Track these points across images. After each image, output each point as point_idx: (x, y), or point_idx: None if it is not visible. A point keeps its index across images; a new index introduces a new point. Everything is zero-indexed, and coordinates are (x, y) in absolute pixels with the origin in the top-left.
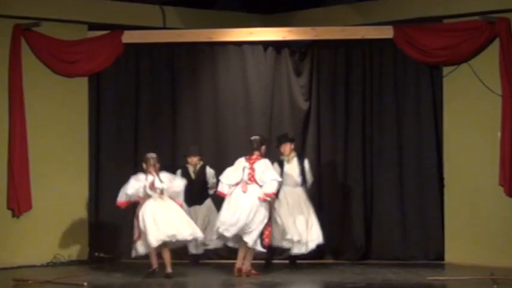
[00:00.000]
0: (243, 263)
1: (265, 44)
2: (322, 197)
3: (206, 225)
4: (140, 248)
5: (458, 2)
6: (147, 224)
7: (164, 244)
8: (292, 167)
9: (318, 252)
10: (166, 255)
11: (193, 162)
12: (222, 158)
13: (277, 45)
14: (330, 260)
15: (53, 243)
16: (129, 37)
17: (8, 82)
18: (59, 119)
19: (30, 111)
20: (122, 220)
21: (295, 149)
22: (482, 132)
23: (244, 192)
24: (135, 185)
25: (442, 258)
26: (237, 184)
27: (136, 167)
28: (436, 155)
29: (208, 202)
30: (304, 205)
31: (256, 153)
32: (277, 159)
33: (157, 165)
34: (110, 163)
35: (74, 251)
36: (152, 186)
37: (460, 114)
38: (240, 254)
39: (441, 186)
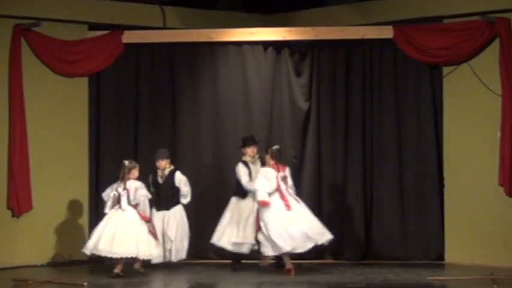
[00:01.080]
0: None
1: (265, 44)
2: (322, 196)
3: (178, 233)
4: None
5: (458, 2)
6: (104, 231)
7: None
8: (257, 170)
9: (318, 252)
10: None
11: (162, 166)
12: (222, 158)
13: (277, 45)
14: (330, 260)
15: (53, 243)
16: (129, 37)
17: (8, 82)
18: (59, 119)
19: (30, 111)
20: None
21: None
22: (482, 132)
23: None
24: (109, 193)
25: (442, 258)
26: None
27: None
28: (436, 155)
29: (180, 208)
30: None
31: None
32: (242, 161)
33: (133, 172)
34: (110, 163)
35: (74, 251)
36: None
37: (460, 114)
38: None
39: (441, 186)
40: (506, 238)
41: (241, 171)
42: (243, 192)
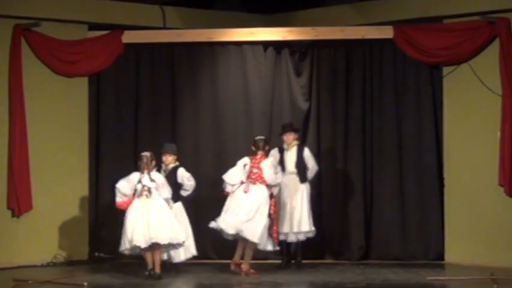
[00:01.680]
0: (240, 258)
1: (265, 44)
2: (322, 196)
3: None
4: (127, 246)
5: (458, 2)
6: (127, 224)
7: (150, 246)
8: (291, 156)
9: (318, 252)
10: (157, 256)
11: (168, 161)
12: (222, 158)
13: (277, 45)
14: (330, 260)
15: (53, 243)
16: (129, 37)
17: (8, 82)
18: (59, 119)
19: (30, 111)
20: (122, 220)
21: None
22: (482, 132)
23: (246, 192)
24: (124, 184)
25: (442, 258)
26: (241, 184)
27: (136, 167)
28: (436, 155)
29: (179, 205)
30: (300, 195)
31: (261, 152)
32: (278, 146)
33: (153, 164)
34: (110, 163)
35: (74, 251)
36: (141, 184)
37: (460, 114)
38: (239, 250)
39: (441, 186)
40: (506, 238)
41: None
42: None
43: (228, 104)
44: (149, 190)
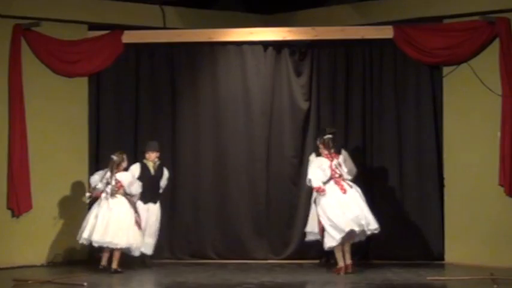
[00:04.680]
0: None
1: (265, 44)
2: None
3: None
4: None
5: (458, 2)
6: (89, 220)
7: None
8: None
9: (318, 252)
10: (115, 254)
11: (152, 158)
12: (222, 158)
13: (277, 45)
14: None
15: (53, 243)
16: (129, 37)
17: (8, 82)
18: (58, 119)
19: (30, 111)
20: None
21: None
22: (482, 132)
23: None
24: (97, 180)
25: (442, 258)
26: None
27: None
28: (436, 155)
29: (158, 207)
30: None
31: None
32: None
33: (123, 165)
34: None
35: (74, 251)
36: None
37: (460, 114)
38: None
39: (441, 186)
40: (506, 238)
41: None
42: None
43: (228, 104)
44: (113, 191)
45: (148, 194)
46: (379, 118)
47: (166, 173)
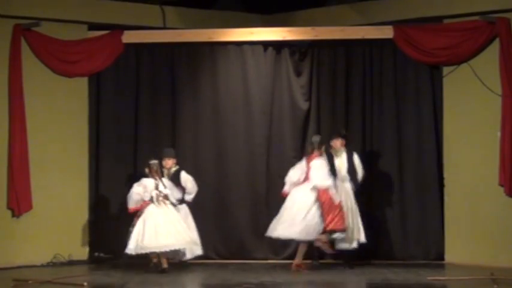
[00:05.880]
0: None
1: (265, 44)
2: None
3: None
4: (133, 248)
5: (458, 2)
6: (146, 228)
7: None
8: (341, 162)
9: (318, 252)
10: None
11: (168, 165)
12: (222, 157)
13: (277, 45)
14: (330, 260)
15: (53, 243)
16: (129, 37)
17: (8, 82)
18: (59, 119)
19: (30, 111)
20: (122, 220)
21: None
22: (482, 132)
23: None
24: (139, 190)
25: (442, 258)
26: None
27: (136, 167)
28: (436, 155)
29: (185, 208)
30: (351, 202)
31: (316, 152)
32: (327, 153)
33: (159, 172)
34: (110, 163)
35: (74, 251)
36: (157, 189)
37: (460, 114)
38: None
39: (441, 186)
40: (506, 238)
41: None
42: None
43: (228, 104)
44: (165, 196)
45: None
46: (379, 118)
47: (184, 178)
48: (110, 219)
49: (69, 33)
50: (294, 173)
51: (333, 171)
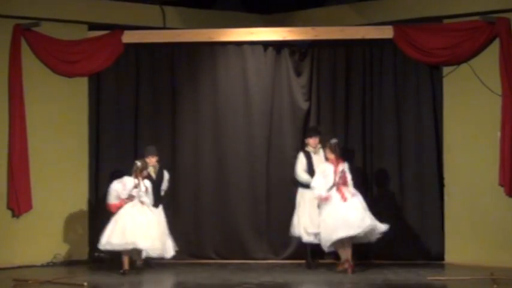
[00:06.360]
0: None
1: (265, 44)
2: None
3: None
4: (104, 243)
5: (458, 2)
6: (116, 226)
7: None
8: (319, 159)
9: (318, 252)
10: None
11: (152, 163)
12: (222, 157)
13: (277, 45)
14: (330, 260)
15: (53, 243)
16: (129, 37)
17: (8, 82)
18: (58, 119)
19: (30, 111)
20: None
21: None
22: (482, 132)
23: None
24: (117, 187)
25: (442, 258)
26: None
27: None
28: (436, 155)
29: (161, 210)
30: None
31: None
32: (304, 150)
33: (145, 172)
34: (110, 163)
35: (74, 251)
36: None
37: (460, 114)
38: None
39: (441, 186)
40: (506, 238)
41: (299, 160)
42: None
43: (228, 104)
44: (141, 196)
45: (152, 199)
46: (379, 118)
47: (166, 175)
48: (110, 219)
49: (69, 33)
50: (321, 181)
51: (311, 169)
